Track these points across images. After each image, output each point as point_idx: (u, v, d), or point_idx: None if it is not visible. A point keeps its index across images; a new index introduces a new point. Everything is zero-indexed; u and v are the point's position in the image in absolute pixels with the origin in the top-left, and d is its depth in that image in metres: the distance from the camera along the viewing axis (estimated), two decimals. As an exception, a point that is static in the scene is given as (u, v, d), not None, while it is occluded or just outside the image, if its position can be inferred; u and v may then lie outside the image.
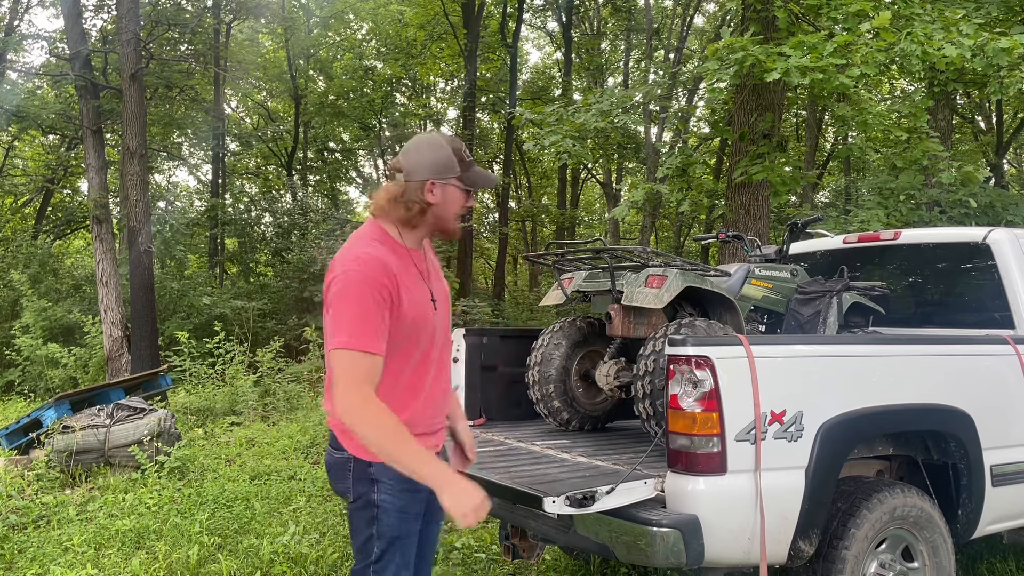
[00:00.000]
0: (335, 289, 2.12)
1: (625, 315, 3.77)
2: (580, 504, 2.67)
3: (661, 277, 3.55)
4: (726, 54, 6.31)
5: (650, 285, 3.57)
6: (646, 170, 17.52)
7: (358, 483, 2.22)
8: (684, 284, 3.56)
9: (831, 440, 2.87)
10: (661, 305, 3.51)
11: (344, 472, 2.24)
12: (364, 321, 2.08)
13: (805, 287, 4.29)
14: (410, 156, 2.25)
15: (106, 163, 12.22)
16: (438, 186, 2.24)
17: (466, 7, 18.90)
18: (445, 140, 2.29)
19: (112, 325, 10.68)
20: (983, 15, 6.96)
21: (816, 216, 4.77)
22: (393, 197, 2.24)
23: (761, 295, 4.21)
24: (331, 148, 23.29)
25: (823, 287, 4.21)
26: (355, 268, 2.12)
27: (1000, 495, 3.40)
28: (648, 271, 3.65)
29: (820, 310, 4.15)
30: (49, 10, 18.83)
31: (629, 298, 3.63)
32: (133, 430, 6.33)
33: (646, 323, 3.77)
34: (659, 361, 3.29)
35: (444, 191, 2.26)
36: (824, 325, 4.11)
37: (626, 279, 3.74)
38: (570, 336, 4.11)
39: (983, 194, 8.79)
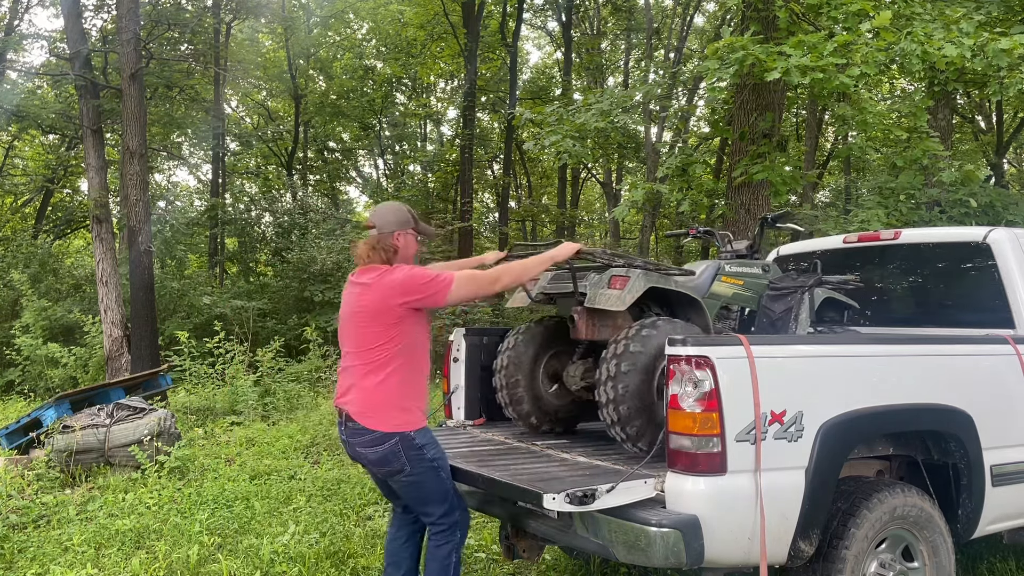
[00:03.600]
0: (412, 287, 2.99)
1: (589, 317, 3.70)
2: (580, 502, 2.67)
3: (624, 278, 3.47)
4: (726, 53, 6.31)
5: (613, 286, 3.49)
6: (646, 170, 17.52)
7: (411, 455, 3.02)
8: (647, 285, 3.48)
9: (831, 440, 2.87)
10: (623, 307, 3.44)
11: (396, 454, 3.01)
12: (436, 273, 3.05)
13: (777, 283, 4.20)
14: (379, 217, 3.23)
15: (106, 163, 12.21)
16: (402, 235, 3.19)
17: (466, 7, 18.89)
18: (402, 204, 3.33)
19: (112, 325, 10.68)
20: (983, 14, 6.96)
21: (785, 211, 4.67)
22: (371, 246, 3.15)
23: (732, 292, 4.12)
24: (331, 148, 23.29)
25: (795, 283, 4.12)
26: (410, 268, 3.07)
27: (1000, 495, 3.40)
28: (611, 272, 3.56)
29: (792, 306, 4.05)
30: (49, 10, 18.84)
31: (592, 300, 3.54)
32: (133, 430, 6.33)
33: (611, 325, 3.68)
34: (622, 365, 3.22)
35: (406, 239, 3.21)
36: (796, 322, 4.01)
37: (589, 280, 3.64)
38: (538, 337, 4.01)
39: (983, 194, 8.78)
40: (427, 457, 3.07)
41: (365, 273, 3.14)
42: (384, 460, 3.05)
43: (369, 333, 3.05)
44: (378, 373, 3.03)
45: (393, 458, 3.03)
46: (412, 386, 3.09)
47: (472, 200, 21.00)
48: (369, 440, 3.04)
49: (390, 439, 3.01)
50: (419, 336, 3.11)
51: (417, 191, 22.13)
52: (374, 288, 3.06)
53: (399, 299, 3.00)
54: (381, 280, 3.06)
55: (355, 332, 3.11)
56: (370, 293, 3.06)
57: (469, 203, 19.50)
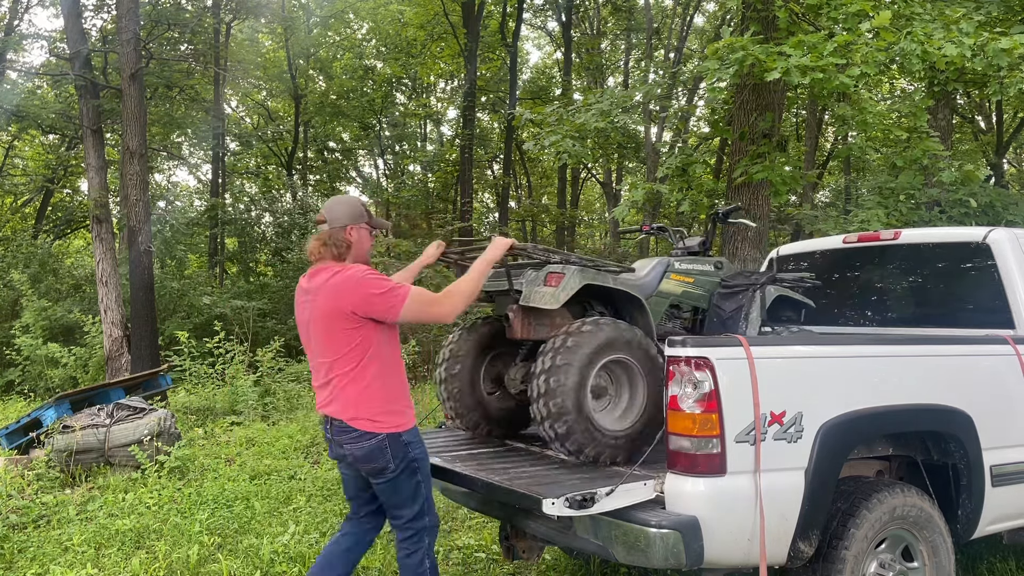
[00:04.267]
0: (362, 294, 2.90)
1: (524, 316, 3.55)
2: (580, 506, 2.67)
3: (559, 275, 3.36)
4: (726, 54, 6.30)
5: (548, 284, 3.36)
6: (646, 170, 17.52)
7: (397, 453, 3.00)
8: (582, 282, 3.35)
9: (831, 441, 2.87)
10: (557, 305, 3.31)
11: (382, 452, 2.98)
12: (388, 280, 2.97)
13: (729, 281, 4.08)
14: (331, 211, 3.13)
15: (106, 163, 12.21)
16: (355, 229, 3.11)
17: (466, 7, 18.89)
18: (354, 198, 3.24)
19: (112, 325, 10.68)
20: (983, 14, 6.95)
21: (735, 205, 4.55)
22: (323, 242, 3.07)
23: (681, 290, 3.99)
24: (331, 148, 23.29)
25: (748, 280, 4.01)
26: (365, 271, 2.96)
27: (1000, 495, 3.40)
28: (548, 269, 3.43)
29: (743, 304, 3.94)
30: (49, 10, 18.83)
31: (527, 298, 3.41)
32: (133, 430, 6.33)
33: (548, 324, 3.54)
34: (556, 359, 3.13)
35: (359, 233, 3.12)
36: (746, 320, 3.90)
37: (526, 278, 3.51)
38: (480, 337, 3.88)
39: (983, 194, 8.77)
40: (410, 456, 3.03)
41: (315, 276, 3.06)
42: (370, 456, 2.99)
43: (335, 340, 2.97)
44: (358, 382, 2.97)
45: (379, 455, 2.98)
46: (395, 387, 3.05)
47: (472, 200, 21.00)
48: (357, 436, 2.98)
49: (378, 436, 2.98)
50: (389, 334, 3.05)
51: (417, 191, 22.13)
52: (324, 292, 2.97)
53: (349, 307, 2.91)
54: (330, 283, 2.97)
55: (320, 340, 3.02)
56: (321, 298, 2.98)
57: (469, 203, 19.51)
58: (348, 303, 2.91)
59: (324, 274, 3.01)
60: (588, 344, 3.16)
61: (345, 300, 2.91)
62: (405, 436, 3.02)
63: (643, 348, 3.33)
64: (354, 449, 3.01)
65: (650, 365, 3.33)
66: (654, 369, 3.33)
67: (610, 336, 3.22)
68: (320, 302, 2.98)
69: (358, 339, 2.95)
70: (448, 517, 5.41)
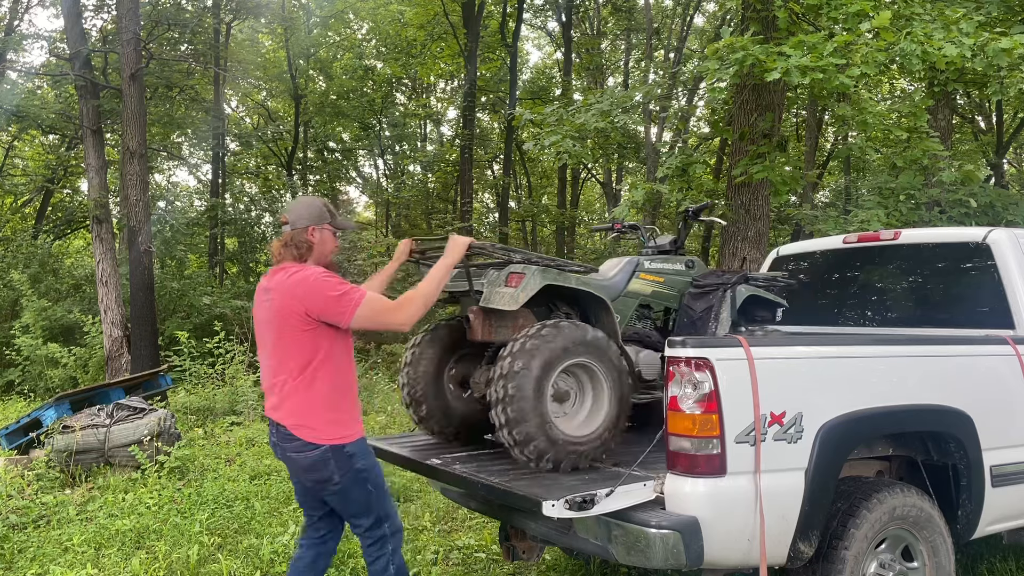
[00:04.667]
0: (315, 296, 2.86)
1: (485, 318, 3.46)
2: (580, 507, 2.67)
3: (520, 275, 3.26)
4: (726, 54, 6.31)
5: (509, 284, 3.27)
6: (646, 170, 17.51)
7: (342, 465, 2.92)
8: (543, 282, 3.25)
9: (831, 441, 2.87)
10: (516, 306, 3.20)
11: (326, 463, 2.91)
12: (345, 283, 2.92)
13: (700, 280, 4.00)
14: (293, 212, 3.08)
15: (106, 163, 12.21)
16: (317, 231, 3.05)
17: (466, 7, 18.89)
18: (318, 198, 3.18)
19: (112, 325, 10.68)
20: (983, 15, 6.95)
21: (704, 203, 4.45)
22: (284, 243, 3.03)
23: (651, 290, 3.90)
24: (331, 148, 23.27)
25: (719, 279, 3.95)
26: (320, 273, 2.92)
27: (1000, 495, 3.40)
28: (509, 269, 3.33)
29: (713, 304, 3.86)
30: (49, 10, 18.84)
31: (487, 299, 3.32)
32: (133, 430, 6.33)
33: (510, 325, 3.43)
34: (515, 364, 3.03)
35: (321, 234, 3.06)
36: (716, 321, 3.82)
37: (488, 278, 3.41)
38: (444, 338, 3.76)
39: (983, 194, 8.76)
40: (356, 467, 2.95)
41: (275, 275, 3.01)
42: (313, 467, 2.93)
43: (286, 342, 2.92)
44: (305, 387, 2.91)
45: (322, 466, 2.92)
46: (343, 396, 2.98)
47: (472, 200, 21.00)
48: (300, 446, 2.92)
49: (321, 448, 2.90)
50: (342, 340, 2.98)
51: (417, 191, 22.13)
52: (279, 292, 2.93)
53: (302, 308, 2.86)
54: (286, 283, 2.93)
55: (273, 342, 2.97)
56: (277, 298, 2.94)
57: (469, 203, 19.51)
58: (301, 304, 2.86)
59: (282, 274, 2.98)
60: (548, 347, 3.07)
61: (298, 301, 2.87)
62: (349, 448, 2.94)
63: (606, 351, 3.24)
64: (298, 459, 2.96)
65: (614, 369, 3.25)
66: (618, 373, 3.26)
67: (571, 339, 3.13)
68: (275, 302, 2.94)
69: (309, 342, 2.89)
70: (448, 517, 5.41)
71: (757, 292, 4.00)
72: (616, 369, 3.26)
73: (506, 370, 3.04)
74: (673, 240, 4.21)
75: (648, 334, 3.90)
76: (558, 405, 3.21)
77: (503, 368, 3.06)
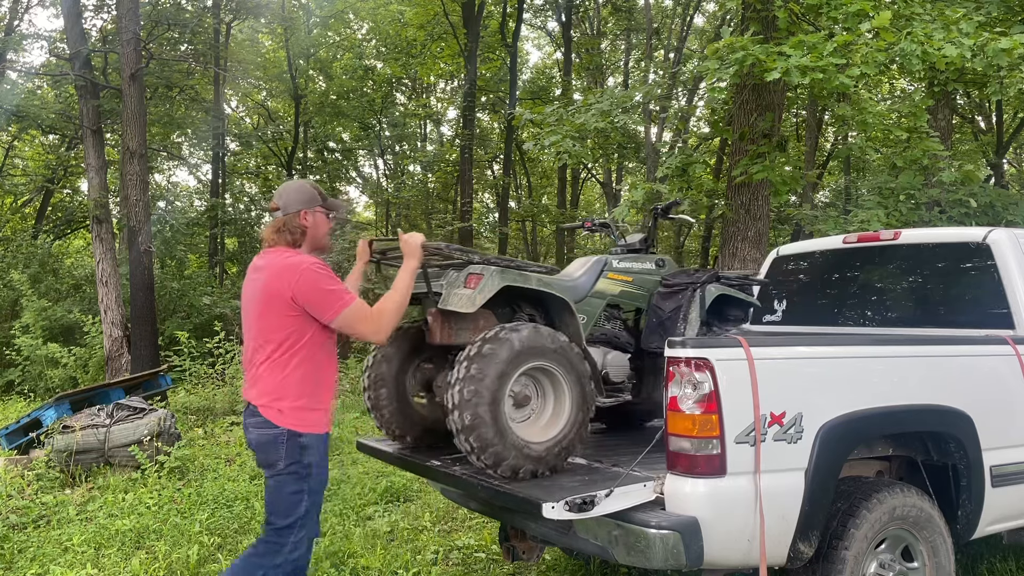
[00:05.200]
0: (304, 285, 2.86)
1: (444, 320, 3.35)
2: (579, 509, 2.67)
3: (479, 276, 3.16)
4: (726, 54, 6.31)
5: (468, 285, 3.17)
6: (646, 170, 17.51)
7: (291, 452, 2.89)
8: (501, 283, 3.16)
9: (831, 441, 2.87)
10: (473, 308, 3.10)
11: (277, 445, 2.89)
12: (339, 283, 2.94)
13: (669, 279, 3.90)
14: (284, 197, 3.07)
15: (106, 163, 12.22)
16: (310, 214, 3.06)
17: (466, 7, 18.89)
18: (307, 181, 3.17)
19: (112, 325, 10.69)
20: (983, 15, 6.95)
21: (674, 200, 4.35)
22: (277, 229, 3.03)
23: (619, 290, 3.79)
24: (331, 148, 23.28)
25: (689, 279, 3.84)
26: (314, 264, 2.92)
27: (1000, 495, 3.40)
28: (468, 270, 3.23)
29: (682, 304, 3.76)
30: (49, 10, 18.84)
31: (445, 301, 3.22)
32: (133, 430, 6.33)
33: (470, 328, 3.32)
34: (472, 368, 2.93)
35: (314, 217, 3.07)
36: (685, 321, 3.71)
37: (447, 279, 3.31)
38: (407, 341, 3.65)
39: (983, 194, 8.76)
40: (303, 461, 2.91)
41: (266, 255, 3.00)
42: (263, 446, 2.91)
43: (269, 323, 2.91)
44: (280, 370, 2.90)
45: (272, 447, 2.89)
46: (317, 386, 2.96)
47: (472, 200, 21.00)
48: (261, 422, 2.91)
49: (278, 429, 2.89)
50: (324, 334, 2.98)
51: (417, 191, 22.13)
52: (269, 272, 2.92)
53: (289, 292, 2.85)
54: (277, 265, 2.92)
55: (256, 322, 2.95)
56: (266, 278, 2.92)
57: (469, 203, 19.51)
58: (289, 288, 2.85)
59: (275, 255, 2.97)
60: (506, 351, 2.98)
61: (287, 285, 2.86)
62: (306, 438, 2.91)
63: (568, 355, 3.15)
64: (255, 434, 2.94)
65: (575, 373, 3.17)
66: (580, 377, 3.18)
67: (531, 343, 3.04)
68: (264, 282, 2.92)
69: (290, 326, 2.88)
70: (448, 517, 5.41)
71: (727, 291, 3.91)
72: (578, 373, 3.18)
73: (462, 374, 2.96)
74: (643, 238, 4.10)
75: (617, 335, 3.84)
76: (518, 410, 3.12)
77: (459, 372, 2.97)
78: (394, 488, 6.00)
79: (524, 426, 3.12)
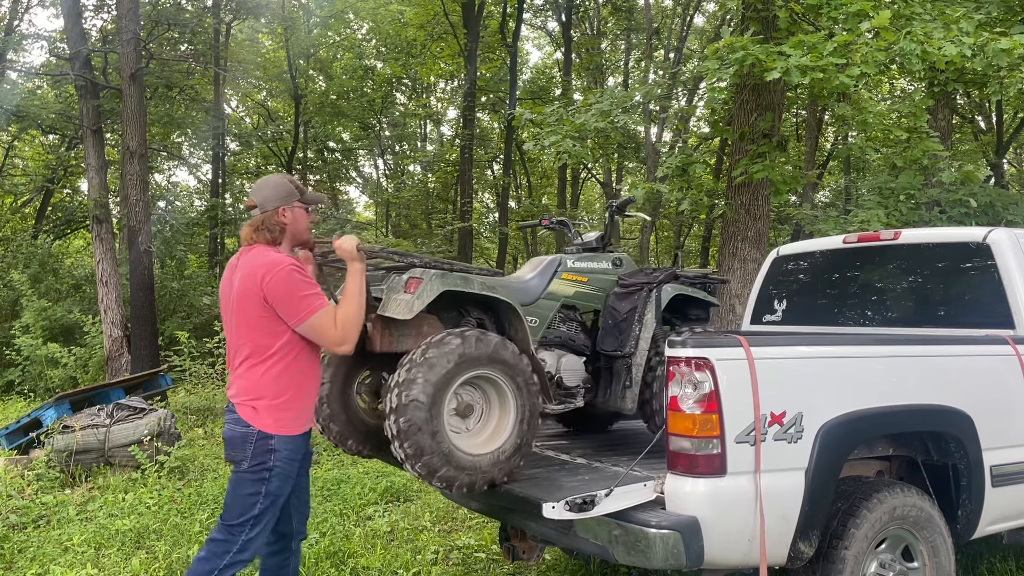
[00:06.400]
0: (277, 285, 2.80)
1: (384, 327, 3.20)
2: (580, 509, 2.67)
3: (419, 280, 3.06)
4: (726, 54, 6.31)
5: (408, 290, 3.06)
6: (646, 170, 17.52)
7: (257, 453, 2.85)
8: (441, 288, 3.05)
9: (831, 441, 2.87)
10: (411, 315, 3.00)
11: (245, 444, 2.85)
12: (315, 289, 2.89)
13: (626, 279, 3.77)
14: (260, 194, 3.00)
15: (106, 163, 12.22)
16: (288, 210, 2.99)
17: (466, 7, 18.89)
18: (282, 176, 3.11)
19: (112, 325, 10.69)
20: (983, 14, 6.95)
21: (628, 198, 4.18)
22: (255, 228, 2.96)
23: (573, 291, 3.67)
24: (331, 148, 23.29)
25: (647, 278, 3.72)
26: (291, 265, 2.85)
27: (1000, 495, 3.40)
28: (409, 273, 3.12)
29: (637, 306, 3.64)
30: (49, 10, 18.84)
31: (384, 307, 3.11)
32: (133, 430, 6.33)
33: (413, 334, 3.19)
34: (411, 373, 2.87)
35: (294, 213, 3.00)
36: (640, 323, 3.60)
37: (388, 283, 3.20)
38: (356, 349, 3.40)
39: (983, 194, 8.77)
40: (268, 464, 2.85)
41: (244, 254, 2.96)
42: (232, 441, 2.89)
43: (250, 323, 2.87)
44: (260, 368, 2.87)
45: (240, 444, 2.86)
46: (293, 389, 2.90)
47: (472, 200, 21.00)
48: (235, 419, 2.89)
49: (249, 429, 2.85)
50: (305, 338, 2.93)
51: (417, 191, 22.13)
52: (243, 270, 2.89)
53: (262, 292, 2.81)
54: (253, 264, 2.87)
55: (234, 321, 2.93)
56: (240, 276, 2.89)
57: (469, 203, 19.51)
58: (262, 289, 2.81)
59: (253, 254, 2.92)
60: (447, 359, 2.89)
61: (259, 285, 2.81)
62: (276, 440, 2.86)
63: (513, 363, 3.06)
64: (227, 429, 2.92)
65: (522, 381, 3.07)
66: (526, 385, 3.09)
67: (475, 351, 2.95)
68: (239, 282, 2.89)
69: (267, 326, 2.85)
70: (448, 517, 5.41)
71: (683, 291, 3.79)
72: (525, 381, 3.09)
73: (401, 379, 2.88)
74: (600, 236, 3.96)
75: (572, 337, 3.72)
76: (461, 420, 3.05)
77: (398, 378, 2.89)
78: (394, 488, 6.00)
79: (465, 437, 3.03)
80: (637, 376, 3.58)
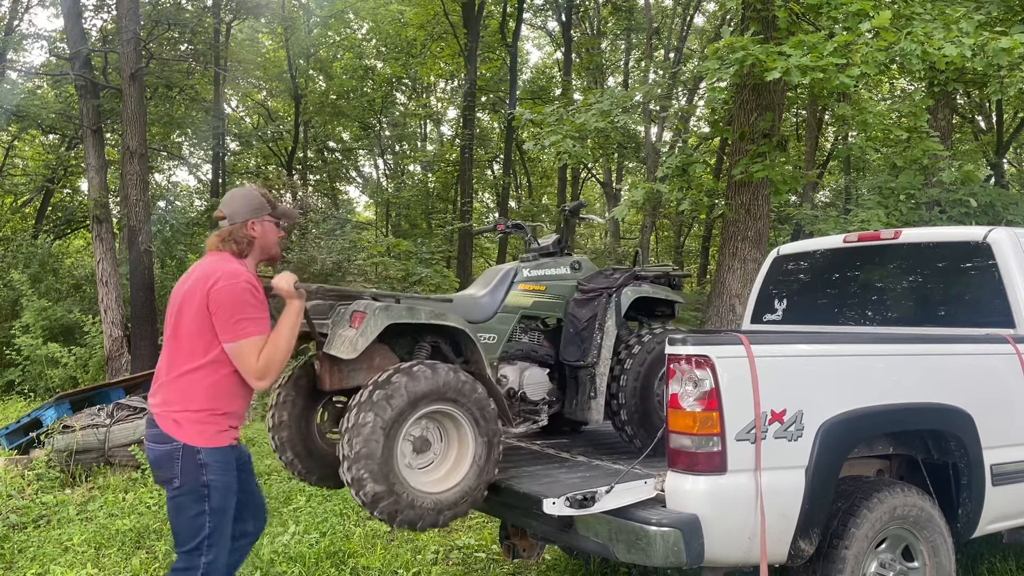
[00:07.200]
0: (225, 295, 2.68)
1: (334, 365, 3.06)
2: (580, 505, 2.67)
3: (362, 314, 2.90)
4: (726, 53, 6.32)
5: (353, 324, 2.91)
6: (646, 170, 17.51)
7: (187, 469, 2.69)
8: (386, 322, 2.91)
9: (831, 439, 2.87)
10: (355, 354, 2.86)
11: (172, 461, 2.70)
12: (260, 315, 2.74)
13: (585, 284, 3.63)
14: (230, 206, 2.90)
15: (106, 163, 12.23)
16: (258, 223, 2.90)
17: (466, 7, 18.90)
18: (255, 188, 3.01)
19: (112, 325, 10.69)
20: (983, 14, 6.96)
21: (580, 202, 4.12)
22: (223, 238, 2.87)
23: (531, 301, 3.53)
24: (331, 148, 23.29)
25: (607, 281, 3.60)
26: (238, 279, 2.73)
27: (1000, 494, 3.40)
28: (354, 306, 2.97)
29: (597, 312, 3.51)
30: (49, 10, 18.84)
31: (329, 344, 2.98)
32: (133, 430, 6.33)
33: (365, 368, 3.03)
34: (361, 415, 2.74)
35: (263, 227, 2.91)
36: (601, 331, 3.48)
37: (334, 317, 3.05)
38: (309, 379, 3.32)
39: (983, 193, 8.78)
40: (202, 479, 2.69)
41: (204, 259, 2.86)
42: (158, 462, 2.73)
43: (184, 327, 2.74)
44: (187, 376, 2.72)
45: (167, 463, 2.70)
46: (224, 400, 2.76)
47: (472, 200, 21.00)
48: (157, 435, 2.73)
49: (173, 444, 2.69)
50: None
51: (417, 191, 22.12)
52: (199, 271, 2.79)
53: (206, 298, 2.69)
54: (211, 265, 2.77)
55: (175, 322, 2.78)
56: (194, 278, 2.78)
57: (469, 203, 19.51)
58: (207, 292, 2.70)
59: (215, 258, 2.83)
60: (398, 398, 2.78)
61: (208, 287, 2.70)
62: (204, 455, 2.70)
63: (466, 393, 2.93)
64: (150, 449, 2.77)
65: (478, 413, 2.96)
66: (483, 415, 2.97)
67: (425, 386, 2.83)
68: (192, 283, 2.77)
69: (206, 333, 2.71)
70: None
71: (643, 294, 3.67)
72: (481, 411, 2.97)
73: (352, 423, 2.75)
74: (557, 240, 3.84)
75: (535, 348, 3.61)
76: (417, 456, 2.94)
77: (350, 421, 2.76)
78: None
79: (422, 474, 2.94)
80: (601, 386, 3.49)
